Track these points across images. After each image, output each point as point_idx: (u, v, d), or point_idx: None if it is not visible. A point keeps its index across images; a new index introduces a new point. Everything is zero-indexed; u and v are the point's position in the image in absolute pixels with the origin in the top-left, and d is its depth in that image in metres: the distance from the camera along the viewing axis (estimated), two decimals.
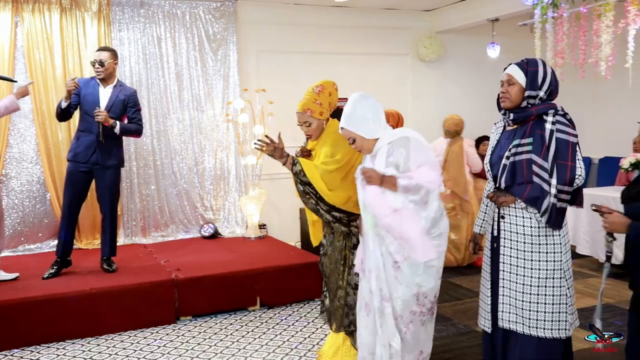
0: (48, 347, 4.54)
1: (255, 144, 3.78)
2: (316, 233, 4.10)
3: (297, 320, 5.10)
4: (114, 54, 5.32)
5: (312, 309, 5.41)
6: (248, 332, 4.84)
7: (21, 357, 4.36)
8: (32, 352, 4.45)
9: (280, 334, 4.80)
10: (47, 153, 6.35)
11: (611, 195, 5.65)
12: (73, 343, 4.62)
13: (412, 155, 3.25)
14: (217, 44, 7.14)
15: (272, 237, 6.99)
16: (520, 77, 3.18)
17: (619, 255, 5.36)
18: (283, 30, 7.54)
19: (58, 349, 4.51)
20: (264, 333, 4.81)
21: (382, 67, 8.13)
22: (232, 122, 7.02)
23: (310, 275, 5.53)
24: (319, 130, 3.82)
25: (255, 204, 6.94)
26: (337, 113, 3.90)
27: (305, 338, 4.70)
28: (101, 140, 5.10)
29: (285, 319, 5.16)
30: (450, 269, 6.39)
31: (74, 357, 4.36)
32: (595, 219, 3.41)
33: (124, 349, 4.51)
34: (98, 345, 4.59)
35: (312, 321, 5.09)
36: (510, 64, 3.29)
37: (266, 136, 3.72)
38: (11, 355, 4.40)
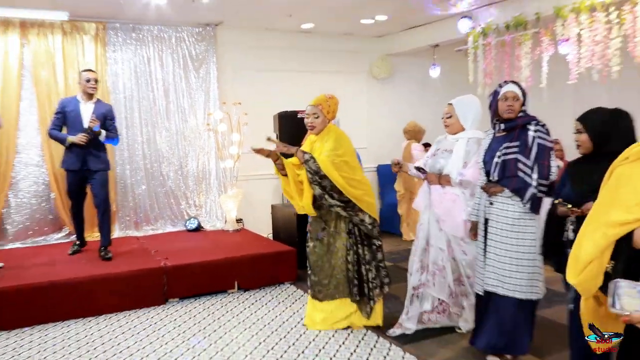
0: (54, 325, 4.56)
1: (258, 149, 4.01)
2: (299, 201, 4.18)
3: (269, 301, 5.13)
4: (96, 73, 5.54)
5: (282, 291, 5.43)
6: (228, 312, 4.85)
7: (31, 334, 4.36)
8: (40, 330, 4.46)
9: (255, 312, 4.82)
10: (51, 158, 6.35)
11: None
12: (76, 322, 4.63)
13: (476, 155, 3.79)
14: (199, 63, 7.18)
15: (248, 229, 7.03)
16: (520, 94, 3.49)
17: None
18: (256, 51, 7.55)
19: (63, 327, 4.52)
20: (241, 312, 4.83)
21: (342, 84, 8.07)
22: (212, 130, 7.06)
23: (281, 262, 5.66)
24: (322, 125, 4.17)
25: (233, 201, 6.99)
26: None
27: (277, 315, 4.72)
28: (101, 155, 5.38)
29: (260, 299, 5.18)
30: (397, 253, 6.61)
31: (77, 334, 4.37)
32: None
33: (120, 327, 4.52)
34: (97, 324, 4.59)
35: (282, 301, 5.12)
36: (507, 82, 3.57)
37: (269, 139, 4.05)
38: (22, 332, 4.42)
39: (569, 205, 2.87)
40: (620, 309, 1.34)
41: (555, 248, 3.07)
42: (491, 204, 3.49)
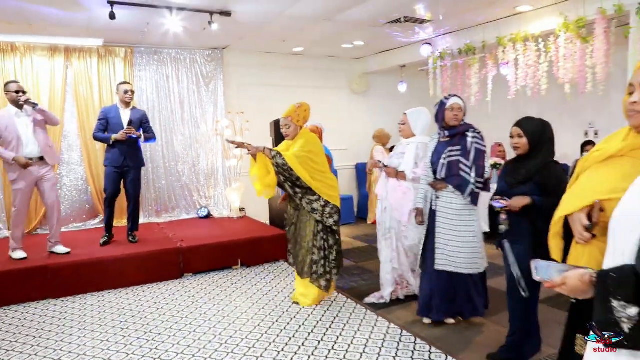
0: (92, 295, 4.65)
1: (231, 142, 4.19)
2: (260, 186, 4.10)
3: (267, 275, 5.15)
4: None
5: (278, 267, 5.43)
6: (233, 284, 4.87)
7: (73, 302, 4.45)
8: (81, 298, 4.55)
9: (255, 285, 4.84)
10: (88, 158, 6.43)
11: None
12: (109, 293, 4.70)
13: (425, 158, 3.79)
14: (209, 80, 7.21)
15: (249, 217, 7.07)
16: (463, 106, 3.56)
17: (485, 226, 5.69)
18: (256, 70, 7.58)
19: (99, 297, 4.60)
20: (244, 284, 4.85)
21: (327, 97, 8.17)
22: (219, 135, 7.09)
23: (277, 243, 5.65)
24: (294, 132, 4.09)
25: (237, 193, 7.04)
26: None
27: (273, 287, 4.75)
28: (130, 142, 5.21)
29: (258, 274, 5.20)
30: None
31: (110, 302, 4.44)
32: (483, 201, 3.70)
33: (145, 296, 4.58)
34: (127, 294, 4.66)
35: (278, 275, 5.13)
36: (452, 95, 3.59)
37: (231, 142, 4.18)
38: (66, 300, 4.51)
39: (498, 198, 2.91)
40: (542, 277, 1.31)
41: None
42: (438, 197, 3.53)
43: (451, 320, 3.71)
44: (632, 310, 1.06)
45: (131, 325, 3.90)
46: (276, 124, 6.42)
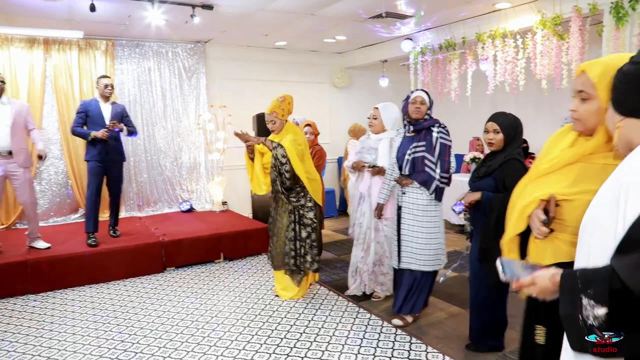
0: (72, 290, 4.58)
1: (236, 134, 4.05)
2: (256, 184, 4.21)
3: (249, 269, 5.13)
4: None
5: (260, 261, 5.42)
6: (215, 277, 4.86)
7: (53, 297, 4.38)
8: (61, 293, 4.48)
9: (237, 278, 4.83)
10: (69, 152, 6.30)
11: (459, 179, 5.66)
12: (90, 287, 4.64)
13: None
14: (191, 73, 7.12)
15: (232, 210, 7.01)
16: (427, 100, 3.47)
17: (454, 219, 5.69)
18: (239, 64, 7.52)
19: (80, 291, 4.53)
20: (226, 278, 4.84)
21: (308, 91, 8.10)
22: (202, 129, 7.06)
23: (258, 236, 5.64)
24: (280, 126, 4.07)
25: (219, 187, 6.98)
26: None
27: (256, 280, 4.74)
28: (119, 150, 5.17)
29: (241, 267, 5.19)
30: None
31: (91, 296, 4.39)
32: (448, 196, 3.71)
33: (127, 291, 4.53)
34: (108, 288, 4.61)
35: (261, 269, 5.12)
36: (417, 90, 3.52)
37: (238, 133, 4.04)
38: (46, 295, 4.45)
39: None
40: (510, 276, 1.30)
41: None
42: (404, 193, 3.47)
43: (399, 322, 3.60)
44: (601, 311, 1.07)
45: (112, 320, 3.87)
46: (258, 118, 6.39)
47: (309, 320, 3.76)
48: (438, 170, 3.32)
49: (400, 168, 3.51)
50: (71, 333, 3.63)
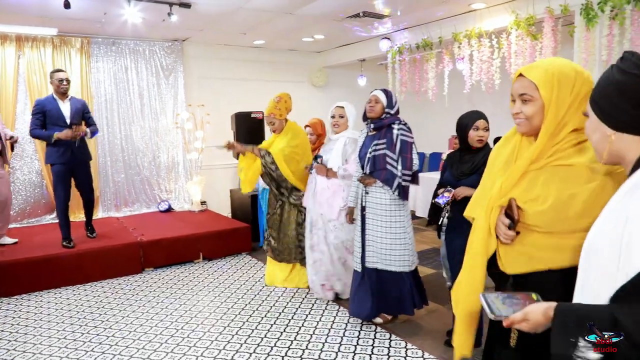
0: (48, 292, 4.48)
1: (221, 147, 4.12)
2: (247, 184, 4.29)
3: (229, 268, 5.09)
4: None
5: (240, 260, 5.36)
6: (194, 278, 4.81)
7: (28, 300, 4.29)
8: (36, 296, 4.39)
9: (217, 278, 4.79)
10: (43, 151, 5.87)
11: (437, 177, 5.73)
12: (66, 289, 4.54)
13: (355, 152, 3.65)
14: (169, 72, 7.03)
15: (211, 210, 6.96)
16: (383, 99, 3.38)
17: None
18: (217, 62, 7.46)
19: (56, 294, 4.44)
20: (205, 278, 4.80)
21: (286, 90, 7.35)
22: (180, 128, 6.97)
23: (238, 236, 5.60)
24: (280, 126, 4.15)
25: (198, 186, 6.90)
26: None
27: (235, 280, 4.70)
28: (77, 145, 4.80)
29: (221, 267, 5.15)
30: None
31: (67, 299, 4.30)
32: (427, 193, 3.65)
33: (104, 292, 4.46)
34: (85, 290, 4.52)
35: (240, 268, 5.07)
36: (376, 89, 3.46)
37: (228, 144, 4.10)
38: (20, 298, 4.34)
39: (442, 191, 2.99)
40: (499, 315, 1.24)
41: (437, 221, 3.15)
42: (367, 193, 3.41)
43: (379, 320, 3.57)
44: (595, 356, 1.04)
45: (90, 322, 3.79)
46: (237, 117, 6.34)
47: (289, 319, 3.74)
48: (399, 168, 3.25)
49: (362, 167, 3.45)
50: (47, 336, 3.54)
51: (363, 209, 3.43)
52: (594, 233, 1.18)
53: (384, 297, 3.43)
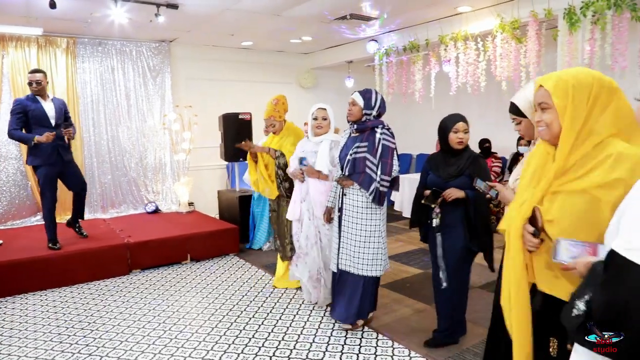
0: (33, 295, 4.43)
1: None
2: (269, 191, 4.30)
3: (216, 270, 5.07)
4: (45, 74, 4.69)
5: (227, 261, 5.33)
6: (182, 279, 4.78)
7: (13, 303, 4.24)
8: (22, 298, 4.34)
9: (205, 279, 4.76)
10: (27, 151, 6.06)
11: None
12: (52, 291, 4.49)
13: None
14: (156, 73, 7.00)
15: (198, 211, 6.90)
16: (360, 101, 3.31)
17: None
18: (204, 64, 7.45)
19: (42, 296, 4.39)
20: (193, 279, 4.77)
21: (274, 91, 7.41)
22: (167, 129, 6.94)
23: (225, 237, 5.57)
24: (280, 127, 4.22)
25: (185, 188, 6.85)
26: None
27: (223, 281, 4.68)
28: (69, 147, 4.79)
29: (208, 268, 5.12)
30: None
31: (54, 301, 4.26)
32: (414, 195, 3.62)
33: (91, 294, 4.41)
34: (72, 292, 4.47)
35: (228, 269, 5.04)
36: (355, 91, 3.39)
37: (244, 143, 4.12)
38: (5, 301, 4.29)
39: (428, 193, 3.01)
40: (560, 259, 1.36)
41: (421, 223, 3.19)
42: (345, 194, 3.37)
43: (347, 326, 3.52)
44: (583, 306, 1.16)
45: (76, 325, 3.76)
46: (225, 118, 6.33)
47: (277, 320, 3.75)
48: (379, 173, 3.20)
49: (342, 169, 3.40)
50: (32, 339, 3.51)
51: (340, 210, 3.41)
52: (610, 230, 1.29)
53: (352, 301, 3.38)
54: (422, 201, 3.02)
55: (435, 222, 3.00)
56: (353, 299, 3.38)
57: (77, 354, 3.25)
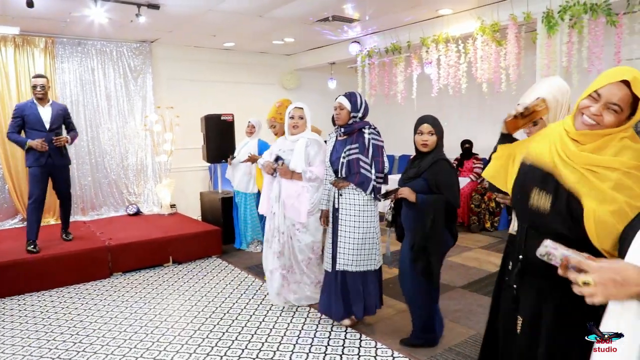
0: (11, 299, 4.34)
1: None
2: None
3: (199, 272, 5.04)
4: (48, 79, 4.85)
5: (210, 264, 5.31)
6: (164, 282, 4.74)
7: None
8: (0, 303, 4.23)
9: (187, 281, 4.74)
10: (5, 154, 6.00)
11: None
12: (30, 295, 4.42)
13: (319, 155, 3.74)
14: (137, 74, 6.95)
15: (180, 213, 6.85)
16: (347, 105, 3.40)
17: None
18: (186, 64, 7.42)
19: (19, 300, 4.32)
20: (175, 282, 4.74)
21: (257, 93, 8.03)
22: (148, 130, 6.91)
23: (208, 239, 5.56)
24: (281, 129, 4.22)
25: (167, 189, 6.81)
26: None
27: (206, 283, 4.65)
28: (63, 153, 4.84)
29: (190, 271, 5.09)
30: None
31: (32, 305, 4.20)
32: None
33: (71, 298, 4.36)
34: (51, 296, 4.41)
35: (210, 272, 5.03)
36: (340, 95, 3.48)
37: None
38: None
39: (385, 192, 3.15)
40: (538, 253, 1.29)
41: (397, 223, 3.25)
42: (340, 195, 3.44)
43: (347, 322, 3.58)
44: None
45: (56, 329, 3.70)
46: (207, 119, 6.30)
47: (260, 322, 3.74)
48: (373, 171, 3.34)
49: (335, 172, 3.48)
50: (10, 344, 3.44)
51: (336, 210, 3.46)
52: None
53: (352, 298, 3.46)
54: (378, 195, 3.25)
55: (388, 217, 3.17)
56: (355, 295, 3.44)
57: (56, 359, 3.20)
